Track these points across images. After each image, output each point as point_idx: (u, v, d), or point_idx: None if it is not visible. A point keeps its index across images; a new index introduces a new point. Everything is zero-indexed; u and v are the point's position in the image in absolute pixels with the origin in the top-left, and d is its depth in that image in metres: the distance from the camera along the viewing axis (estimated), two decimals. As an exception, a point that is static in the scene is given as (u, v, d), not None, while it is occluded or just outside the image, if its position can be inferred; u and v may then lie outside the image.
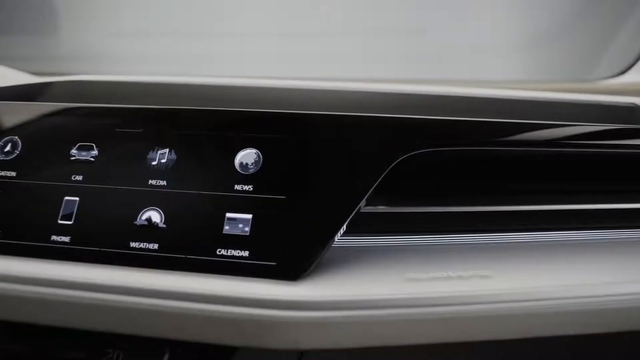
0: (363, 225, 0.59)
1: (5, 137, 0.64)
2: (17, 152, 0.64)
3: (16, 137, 0.64)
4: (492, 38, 1.09)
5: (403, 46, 1.09)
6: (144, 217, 0.58)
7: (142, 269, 0.57)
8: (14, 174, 0.63)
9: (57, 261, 0.59)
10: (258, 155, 0.59)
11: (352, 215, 0.56)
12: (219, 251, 0.56)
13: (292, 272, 0.54)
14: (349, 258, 0.57)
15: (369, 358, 0.60)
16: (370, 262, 0.57)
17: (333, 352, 0.57)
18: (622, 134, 0.62)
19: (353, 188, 0.56)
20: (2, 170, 0.63)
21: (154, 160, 0.61)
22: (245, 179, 0.58)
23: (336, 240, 0.56)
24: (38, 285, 0.57)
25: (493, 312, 0.54)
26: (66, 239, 0.59)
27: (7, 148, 0.64)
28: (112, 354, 0.58)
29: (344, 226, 0.55)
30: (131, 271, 0.57)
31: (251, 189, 0.58)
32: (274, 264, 0.55)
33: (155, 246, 0.57)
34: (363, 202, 0.56)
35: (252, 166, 0.58)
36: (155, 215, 0.58)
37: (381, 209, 0.60)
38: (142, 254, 0.57)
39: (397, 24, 1.14)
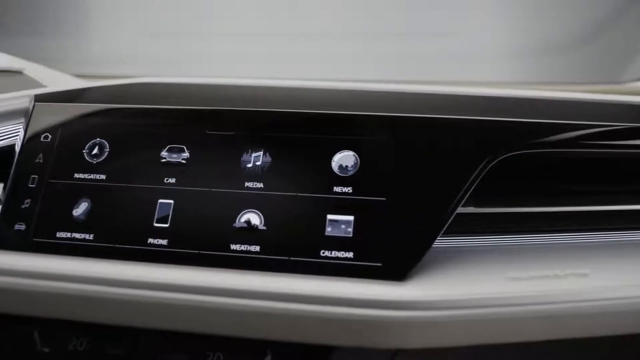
0: (454, 226, 0.60)
1: (91, 140, 0.64)
2: (105, 155, 0.63)
3: (102, 140, 0.64)
4: (525, 41, 1.11)
5: (442, 48, 1.11)
6: (242, 220, 0.59)
7: (243, 271, 0.57)
8: (103, 177, 0.63)
9: (155, 264, 0.59)
10: (356, 157, 0.59)
11: (453, 215, 0.57)
12: (323, 253, 0.57)
13: (398, 272, 0.55)
14: (446, 258, 0.59)
15: (459, 357, 0.61)
16: (469, 262, 0.58)
17: (427, 351, 0.58)
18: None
19: (452, 189, 0.57)
20: (91, 173, 0.63)
21: (249, 162, 0.61)
22: (344, 181, 0.59)
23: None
24: (136, 288, 0.57)
25: (592, 310, 0.56)
26: (164, 242, 0.59)
27: (94, 151, 0.64)
28: (212, 356, 0.59)
29: (445, 227, 0.57)
30: (233, 273, 0.57)
31: (350, 190, 0.58)
32: (379, 264, 0.56)
33: (257, 248, 0.58)
34: (462, 203, 0.57)
35: (351, 168, 0.59)
36: (254, 218, 0.59)
37: (469, 209, 0.61)
38: (243, 256, 0.57)
39: (432, 27, 1.15)
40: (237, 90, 0.66)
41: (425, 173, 0.58)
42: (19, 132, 0.71)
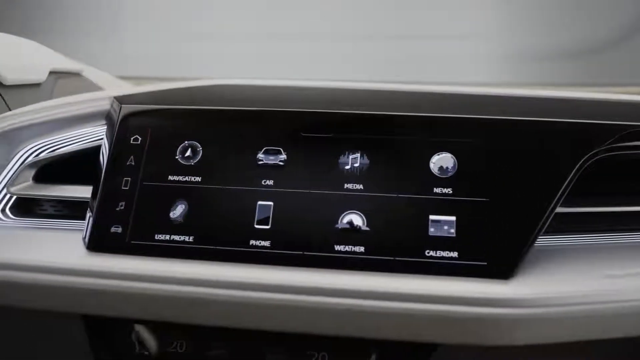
0: (549, 226, 0.61)
1: (183, 142, 0.64)
2: (199, 157, 0.64)
3: (194, 142, 0.64)
4: (567, 43, 1.14)
5: (483, 50, 1.13)
6: (345, 221, 0.60)
7: (349, 271, 0.58)
8: (198, 179, 0.63)
9: (258, 265, 0.59)
10: (454, 159, 0.61)
11: (553, 214, 0.58)
12: (428, 252, 0.58)
13: (503, 271, 0.56)
14: (543, 257, 0.60)
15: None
16: (566, 261, 0.60)
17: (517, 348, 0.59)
18: None
19: (551, 189, 0.59)
20: (186, 175, 0.63)
21: (347, 164, 0.62)
22: (444, 182, 0.60)
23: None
24: (240, 289, 0.58)
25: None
26: (266, 243, 0.60)
27: (187, 153, 0.64)
28: (316, 356, 0.59)
29: (546, 226, 0.58)
30: (338, 274, 0.58)
31: (451, 192, 0.60)
32: (484, 263, 0.57)
33: (362, 249, 0.59)
34: (560, 202, 0.59)
35: (450, 170, 0.60)
36: (356, 219, 0.60)
37: (564, 209, 0.63)
38: (348, 256, 0.58)
39: (473, 29, 1.17)
40: (322, 92, 0.67)
41: (524, 174, 0.59)
42: (98, 134, 0.72)
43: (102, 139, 0.70)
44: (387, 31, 1.27)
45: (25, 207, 0.71)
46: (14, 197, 0.69)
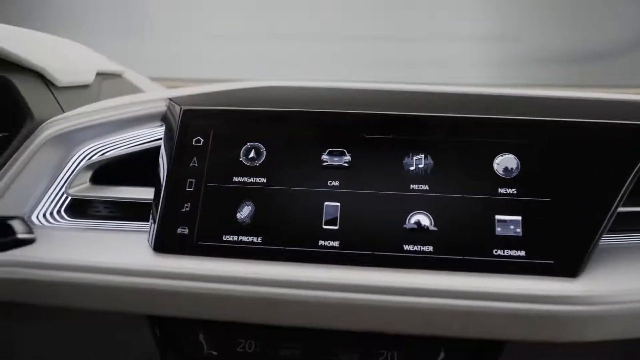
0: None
1: (246, 143, 0.65)
2: (263, 159, 0.64)
3: (258, 144, 0.65)
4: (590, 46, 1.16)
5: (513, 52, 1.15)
6: (412, 221, 0.60)
7: (418, 270, 0.59)
8: (263, 180, 0.63)
9: (327, 265, 0.60)
10: (517, 160, 0.62)
11: (616, 214, 0.60)
12: (496, 252, 0.59)
13: (571, 269, 0.58)
14: (606, 255, 0.61)
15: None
16: (631, 258, 0.61)
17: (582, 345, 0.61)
18: None
19: (613, 188, 0.60)
20: (251, 176, 0.63)
21: (411, 165, 0.62)
22: (508, 183, 0.61)
23: (592, 238, 0.61)
24: (311, 289, 0.58)
25: None
26: (335, 243, 0.60)
27: (251, 154, 0.64)
28: (385, 354, 0.60)
29: (609, 224, 0.60)
30: (408, 273, 0.59)
31: (515, 192, 0.61)
32: (551, 262, 0.58)
33: (430, 248, 0.59)
34: (622, 201, 0.60)
35: (514, 170, 0.61)
36: (424, 219, 0.60)
37: (624, 209, 0.64)
38: (417, 256, 0.59)
39: (495, 31, 1.19)
40: (382, 94, 0.68)
41: (587, 174, 0.61)
42: (150, 135, 0.72)
43: (155, 140, 0.71)
44: (380, 32, 1.29)
45: (78, 209, 0.71)
46: (69, 198, 0.69)
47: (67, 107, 0.74)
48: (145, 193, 0.69)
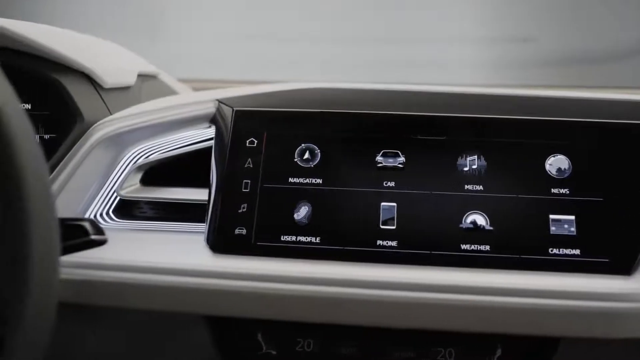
0: None
1: (301, 145, 0.65)
2: (318, 160, 0.65)
3: (312, 145, 0.65)
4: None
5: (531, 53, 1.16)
6: (468, 220, 0.62)
7: (475, 269, 0.60)
8: (319, 181, 0.64)
9: (385, 265, 0.61)
10: (568, 161, 0.63)
11: (666, 213, 0.61)
12: (551, 250, 0.60)
13: (625, 267, 0.59)
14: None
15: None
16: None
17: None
18: None
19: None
20: (307, 177, 0.64)
21: (465, 166, 0.64)
22: (560, 183, 0.62)
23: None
24: (371, 288, 0.59)
25: None
26: (393, 243, 0.61)
27: (306, 155, 0.65)
28: (443, 352, 0.61)
29: (660, 224, 0.61)
30: (465, 272, 0.60)
31: (568, 192, 0.62)
32: (606, 260, 0.60)
33: (487, 247, 0.61)
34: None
35: (566, 171, 0.63)
36: (479, 219, 0.62)
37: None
38: (474, 255, 0.60)
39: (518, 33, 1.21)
40: (428, 96, 0.69)
41: (636, 173, 0.62)
42: (200, 137, 0.72)
43: (202, 141, 0.72)
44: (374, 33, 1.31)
45: (124, 210, 0.71)
46: (117, 199, 0.69)
47: (112, 109, 0.74)
48: (195, 194, 0.69)
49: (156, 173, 0.73)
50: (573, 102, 0.67)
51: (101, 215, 0.69)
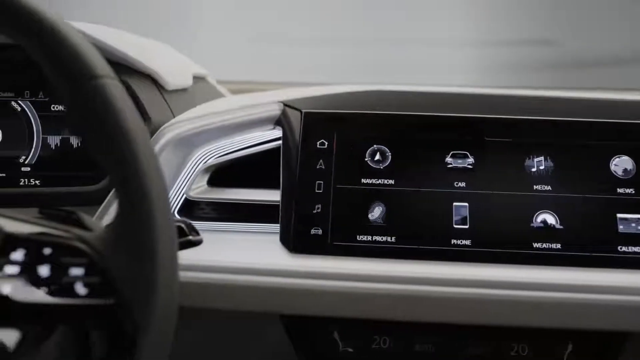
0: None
1: (371, 146, 0.67)
2: (389, 161, 0.66)
3: (382, 147, 0.67)
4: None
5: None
6: (539, 220, 0.63)
7: (547, 266, 0.62)
8: (392, 182, 0.65)
9: (459, 263, 0.62)
10: (632, 161, 0.65)
11: None
12: (620, 248, 0.62)
13: (692, 263, 0.62)
14: None
15: None
16: None
17: None
18: None
19: None
20: (379, 178, 0.65)
21: (533, 167, 0.65)
22: (626, 183, 0.65)
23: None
24: (445, 285, 0.61)
25: None
26: (467, 242, 0.63)
27: (377, 157, 0.66)
28: (516, 347, 0.63)
29: None
30: (537, 269, 0.62)
31: (633, 192, 0.64)
32: (673, 257, 0.62)
33: (558, 245, 0.63)
34: None
35: (631, 171, 0.65)
36: (549, 218, 0.63)
37: None
38: (546, 253, 0.62)
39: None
40: (492, 99, 0.70)
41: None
42: (262, 138, 0.73)
43: (263, 143, 0.73)
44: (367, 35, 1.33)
45: (188, 210, 0.72)
46: (182, 200, 0.70)
47: (174, 111, 0.75)
48: (262, 195, 0.70)
49: (220, 174, 0.74)
50: (633, 104, 0.69)
51: (168, 216, 0.70)
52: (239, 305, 0.62)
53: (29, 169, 0.72)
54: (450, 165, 0.66)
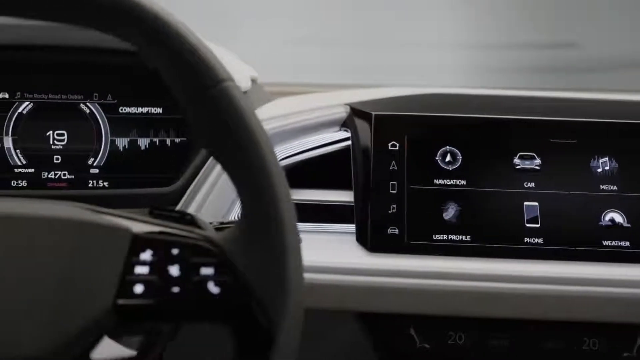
0: None
1: (441, 148, 0.68)
2: (459, 163, 0.68)
3: (453, 148, 0.68)
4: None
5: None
6: (607, 218, 0.66)
7: (616, 263, 0.65)
8: (463, 182, 0.67)
9: (531, 260, 0.65)
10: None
11: None
12: (685, 245, 0.65)
13: None
14: None
15: None
16: None
17: None
18: None
19: None
20: (451, 179, 0.67)
21: (598, 167, 0.68)
22: (687, 183, 0.68)
23: None
24: (522, 283, 0.63)
25: None
26: (539, 240, 0.65)
27: (447, 158, 0.68)
28: (587, 342, 0.65)
29: None
30: (608, 266, 0.64)
31: (694, 191, 0.67)
32: None
33: (627, 243, 0.65)
34: None
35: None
36: (617, 216, 0.66)
37: None
38: (615, 250, 0.65)
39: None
40: (549, 102, 0.73)
41: None
42: (326, 140, 0.74)
43: (327, 145, 0.74)
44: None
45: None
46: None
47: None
48: (329, 195, 0.72)
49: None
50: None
51: (239, 217, 0.71)
52: (317, 303, 0.63)
53: (97, 170, 0.73)
54: (518, 167, 0.68)
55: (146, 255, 0.44)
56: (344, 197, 0.71)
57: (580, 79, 1.26)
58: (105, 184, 0.73)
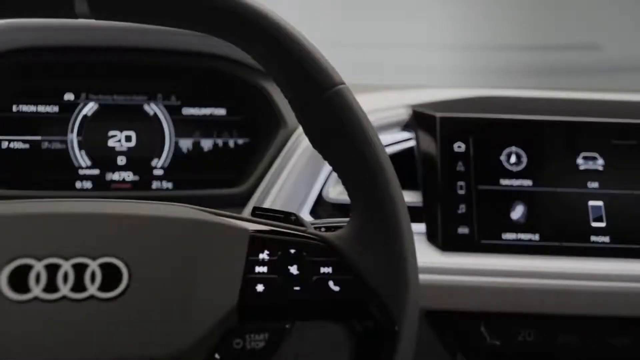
0: None
1: (506, 149, 0.70)
2: (525, 163, 0.70)
3: (518, 149, 0.70)
4: None
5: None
6: (671, 217, 0.68)
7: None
8: (529, 182, 0.69)
9: (597, 258, 0.66)
10: None
11: None
12: None
13: None
14: None
15: None
16: None
17: None
18: None
19: None
20: (518, 179, 0.69)
21: (660, 167, 0.70)
22: None
23: None
24: (591, 280, 0.65)
25: None
26: (605, 238, 0.67)
27: (512, 159, 0.70)
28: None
29: None
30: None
31: None
32: None
33: (691, 240, 0.67)
34: None
35: None
36: (679, 215, 0.68)
37: None
38: (679, 248, 0.67)
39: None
40: (610, 105, 0.75)
41: None
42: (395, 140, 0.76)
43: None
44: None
45: (321, 211, 0.74)
46: (320, 202, 0.72)
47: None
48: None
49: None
50: None
51: (304, 218, 0.72)
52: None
53: (161, 172, 0.73)
54: (582, 167, 0.70)
55: (264, 255, 0.45)
56: (408, 197, 0.72)
57: (601, 81, 1.29)
58: (169, 185, 0.73)
